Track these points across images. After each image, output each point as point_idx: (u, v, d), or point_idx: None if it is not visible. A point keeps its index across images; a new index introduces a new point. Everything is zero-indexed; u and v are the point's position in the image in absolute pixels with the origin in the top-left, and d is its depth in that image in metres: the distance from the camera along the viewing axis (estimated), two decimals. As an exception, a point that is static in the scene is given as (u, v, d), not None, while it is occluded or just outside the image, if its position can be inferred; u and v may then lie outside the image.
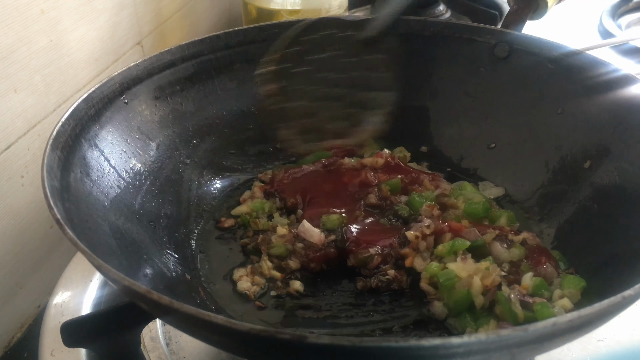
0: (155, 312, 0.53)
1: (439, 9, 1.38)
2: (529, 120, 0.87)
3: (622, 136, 0.74)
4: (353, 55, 0.83)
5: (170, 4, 1.20)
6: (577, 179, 0.78)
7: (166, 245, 0.76)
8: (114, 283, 0.52)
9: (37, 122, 0.84)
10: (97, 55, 0.96)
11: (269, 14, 1.20)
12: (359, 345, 0.42)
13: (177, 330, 0.71)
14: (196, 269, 0.77)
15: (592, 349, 0.70)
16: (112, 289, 0.79)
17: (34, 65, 0.81)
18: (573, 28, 1.53)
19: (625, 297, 0.46)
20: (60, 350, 0.70)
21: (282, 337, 0.42)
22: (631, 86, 0.75)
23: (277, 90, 0.82)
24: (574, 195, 0.78)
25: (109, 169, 0.73)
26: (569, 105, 0.82)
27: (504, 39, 0.89)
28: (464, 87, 0.93)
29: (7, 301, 0.84)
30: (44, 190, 0.57)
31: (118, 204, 0.72)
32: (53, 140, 0.64)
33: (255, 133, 0.94)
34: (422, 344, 0.43)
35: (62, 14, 0.86)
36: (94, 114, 0.74)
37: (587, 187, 0.76)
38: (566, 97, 0.82)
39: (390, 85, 0.82)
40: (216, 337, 0.50)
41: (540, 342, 0.46)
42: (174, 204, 0.82)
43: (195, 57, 0.88)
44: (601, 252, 0.69)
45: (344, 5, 1.26)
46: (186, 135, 0.88)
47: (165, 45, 1.09)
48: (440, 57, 0.94)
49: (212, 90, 0.91)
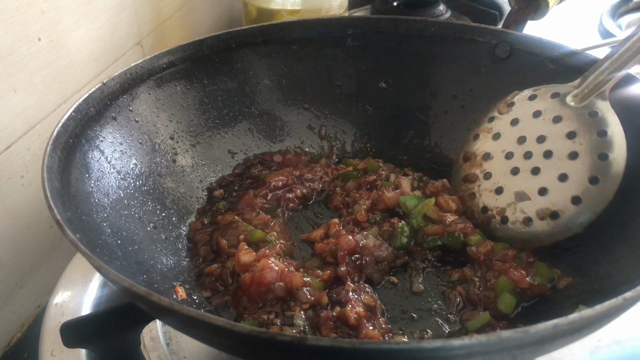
0: (155, 313, 0.53)
1: (439, 9, 1.38)
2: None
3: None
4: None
5: (170, 4, 1.19)
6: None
7: (167, 246, 0.76)
8: (114, 284, 0.52)
9: (37, 122, 0.84)
10: (97, 55, 0.96)
11: (269, 14, 1.20)
12: (359, 347, 0.41)
13: (177, 331, 0.71)
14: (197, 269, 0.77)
15: (592, 349, 0.70)
16: (112, 289, 0.79)
17: (34, 65, 0.81)
18: (573, 28, 1.53)
19: (627, 299, 0.46)
20: (60, 351, 0.70)
21: (282, 339, 0.42)
22: (631, 86, 0.75)
23: None
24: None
25: (110, 169, 0.73)
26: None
27: (505, 39, 0.89)
28: (464, 87, 0.93)
29: (7, 301, 0.84)
30: (44, 190, 0.57)
31: (118, 204, 0.72)
32: (53, 140, 0.64)
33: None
34: (423, 345, 0.43)
35: (62, 14, 0.85)
36: (95, 114, 0.74)
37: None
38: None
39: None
40: (216, 339, 0.50)
41: (542, 344, 0.46)
42: (175, 204, 0.82)
43: (195, 57, 0.88)
44: (602, 253, 0.69)
45: (344, 5, 1.26)
46: (187, 135, 0.88)
47: (165, 45, 1.09)
48: (440, 58, 0.94)
49: (212, 91, 0.91)
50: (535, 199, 0.75)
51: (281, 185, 0.87)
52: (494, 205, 0.79)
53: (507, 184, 0.79)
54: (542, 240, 0.74)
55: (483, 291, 0.70)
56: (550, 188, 0.74)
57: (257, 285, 0.68)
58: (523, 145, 0.79)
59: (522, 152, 0.78)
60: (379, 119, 0.98)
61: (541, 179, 0.75)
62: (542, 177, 0.75)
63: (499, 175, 0.80)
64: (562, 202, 0.73)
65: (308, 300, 0.67)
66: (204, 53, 0.89)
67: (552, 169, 0.75)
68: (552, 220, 0.73)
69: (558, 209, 0.73)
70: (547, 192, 0.74)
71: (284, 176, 0.88)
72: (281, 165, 0.92)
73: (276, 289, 0.68)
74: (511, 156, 0.80)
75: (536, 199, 0.75)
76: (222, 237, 0.77)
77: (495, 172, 0.81)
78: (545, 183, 0.75)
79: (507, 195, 0.79)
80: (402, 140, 0.97)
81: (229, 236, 0.78)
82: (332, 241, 0.75)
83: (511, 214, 0.77)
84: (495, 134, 0.83)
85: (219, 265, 0.75)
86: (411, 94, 0.96)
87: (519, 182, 0.77)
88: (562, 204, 0.73)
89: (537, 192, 0.75)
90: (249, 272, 0.70)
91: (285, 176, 0.88)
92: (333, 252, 0.74)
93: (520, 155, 0.78)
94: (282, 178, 0.87)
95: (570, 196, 0.72)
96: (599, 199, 0.70)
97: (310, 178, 0.91)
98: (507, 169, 0.79)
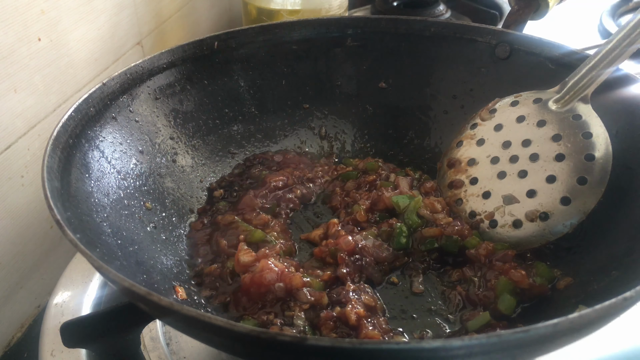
0: (155, 313, 0.53)
1: (439, 9, 1.38)
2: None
3: (622, 137, 0.74)
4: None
5: (170, 4, 1.19)
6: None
7: (167, 246, 0.76)
8: (114, 284, 0.52)
9: (37, 122, 0.84)
10: (97, 55, 0.96)
11: (269, 14, 1.20)
12: (359, 347, 0.41)
13: (177, 331, 0.71)
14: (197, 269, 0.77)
15: (592, 349, 0.70)
16: (112, 289, 0.79)
17: (34, 65, 0.81)
18: (573, 28, 1.53)
19: (627, 299, 0.46)
20: (60, 350, 0.70)
21: (282, 339, 0.42)
22: (631, 86, 0.75)
23: None
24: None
25: (110, 169, 0.73)
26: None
27: (505, 39, 0.89)
28: (464, 87, 0.93)
29: (7, 301, 0.84)
30: (44, 190, 0.57)
31: (118, 204, 0.72)
32: (53, 140, 0.64)
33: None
34: (423, 345, 0.43)
35: (62, 14, 0.85)
36: (95, 114, 0.74)
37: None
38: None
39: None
40: (216, 339, 0.50)
41: (542, 344, 0.46)
42: (175, 204, 0.82)
43: (195, 57, 0.88)
44: (602, 253, 0.69)
45: (344, 5, 1.26)
46: (187, 135, 0.88)
47: (165, 45, 1.09)
48: (440, 58, 0.94)
49: (212, 91, 0.91)
50: (524, 202, 0.75)
51: (281, 185, 0.87)
52: (482, 209, 0.79)
53: (494, 188, 0.79)
54: (532, 242, 0.74)
55: (483, 291, 0.70)
56: (538, 190, 0.75)
57: (257, 286, 0.68)
58: (508, 149, 0.79)
59: (507, 156, 0.79)
60: (379, 119, 0.98)
61: (529, 181, 0.76)
62: (530, 180, 0.76)
63: (486, 180, 0.80)
64: (552, 203, 0.73)
65: (308, 300, 0.67)
66: (204, 53, 0.89)
67: (540, 171, 0.75)
68: (542, 221, 0.74)
69: (548, 210, 0.73)
70: (535, 194, 0.75)
71: (284, 176, 0.88)
72: (281, 165, 0.92)
73: (276, 290, 0.68)
74: (497, 161, 0.80)
75: (525, 201, 0.75)
76: (222, 237, 0.77)
77: (482, 177, 0.81)
78: (534, 185, 0.75)
79: (495, 199, 0.79)
80: (402, 140, 0.97)
81: (229, 236, 0.78)
82: (332, 242, 0.75)
83: (500, 218, 0.78)
84: (479, 140, 0.83)
85: (218, 266, 0.75)
86: (411, 94, 0.96)
87: (506, 185, 0.78)
88: (551, 205, 0.73)
89: (525, 194, 0.76)
90: (248, 272, 0.70)
91: (285, 176, 0.88)
92: (333, 253, 0.74)
93: (506, 160, 0.79)
94: (282, 178, 0.87)
95: (559, 197, 0.73)
96: (588, 198, 0.71)
97: (311, 178, 0.91)
98: (493, 173, 0.80)
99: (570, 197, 0.72)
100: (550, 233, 0.73)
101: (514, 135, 0.79)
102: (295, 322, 0.65)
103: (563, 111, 0.76)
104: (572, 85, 0.76)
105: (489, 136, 0.82)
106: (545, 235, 0.73)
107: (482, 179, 0.81)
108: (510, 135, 0.80)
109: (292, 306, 0.67)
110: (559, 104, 0.77)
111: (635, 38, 0.71)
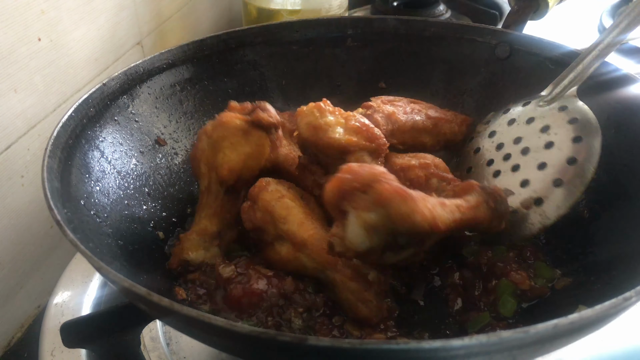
0: (155, 313, 0.53)
1: (439, 9, 1.38)
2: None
3: (622, 136, 0.74)
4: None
5: (170, 4, 1.19)
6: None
7: (167, 247, 0.76)
8: (114, 284, 0.52)
9: (37, 122, 0.84)
10: (97, 55, 0.96)
11: (269, 14, 1.20)
12: (359, 347, 0.41)
13: (177, 331, 0.71)
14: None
15: (592, 349, 0.71)
16: (112, 289, 0.79)
17: (34, 65, 0.81)
18: (573, 28, 1.53)
19: (627, 299, 0.46)
20: (60, 351, 0.70)
21: (282, 339, 0.42)
22: (631, 86, 0.75)
23: None
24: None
25: (110, 169, 0.73)
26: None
27: (505, 39, 0.89)
28: (464, 87, 0.93)
29: (7, 301, 0.84)
30: (44, 190, 0.57)
31: (118, 204, 0.72)
32: (53, 140, 0.64)
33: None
34: (423, 345, 0.43)
35: (62, 14, 0.85)
36: (95, 115, 0.74)
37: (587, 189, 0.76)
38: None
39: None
40: (216, 339, 0.50)
41: (542, 344, 0.46)
42: (175, 204, 0.82)
43: (195, 57, 0.88)
44: (602, 253, 0.69)
45: (344, 5, 1.26)
46: (187, 136, 0.88)
47: (165, 45, 1.09)
48: (440, 58, 0.94)
49: (212, 91, 0.91)
50: (519, 192, 0.76)
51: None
52: None
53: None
54: (532, 229, 0.75)
55: (483, 292, 0.70)
56: (531, 179, 0.76)
57: (248, 296, 0.65)
58: (501, 150, 0.81)
59: (501, 156, 0.81)
60: (379, 119, 0.97)
61: (521, 172, 0.77)
62: (522, 171, 0.77)
63: (482, 181, 0.81)
64: (544, 187, 0.74)
65: (303, 303, 0.66)
66: (204, 53, 0.89)
67: (531, 162, 0.77)
68: (538, 206, 0.74)
69: (541, 195, 0.74)
70: (528, 183, 0.76)
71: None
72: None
73: (269, 297, 0.65)
74: (492, 163, 0.82)
75: (519, 191, 0.76)
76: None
77: (479, 180, 0.81)
78: (526, 175, 0.77)
79: None
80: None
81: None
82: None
83: None
84: (476, 149, 0.85)
85: (200, 273, 0.71)
86: (411, 94, 0.95)
87: (502, 182, 0.79)
88: (544, 190, 0.74)
89: (519, 185, 0.77)
90: (233, 284, 0.67)
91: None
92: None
93: (500, 159, 0.81)
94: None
95: (551, 180, 0.74)
96: (578, 177, 0.72)
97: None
98: (489, 174, 0.81)
99: (561, 177, 0.73)
100: (547, 217, 0.74)
101: (506, 137, 0.82)
102: (292, 326, 0.65)
103: (550, 107, 0.78)
104: (560, 86, 0.78)
105: (484, 144, 0.84)
106: (543, 220, 0.74)
107: (479, 181, 0.81)
108: (503, 138, 0.82)
109: (288, 311, 0.66)
110: (547, 102, 0.79)
111: (617, 35, 0.75)
